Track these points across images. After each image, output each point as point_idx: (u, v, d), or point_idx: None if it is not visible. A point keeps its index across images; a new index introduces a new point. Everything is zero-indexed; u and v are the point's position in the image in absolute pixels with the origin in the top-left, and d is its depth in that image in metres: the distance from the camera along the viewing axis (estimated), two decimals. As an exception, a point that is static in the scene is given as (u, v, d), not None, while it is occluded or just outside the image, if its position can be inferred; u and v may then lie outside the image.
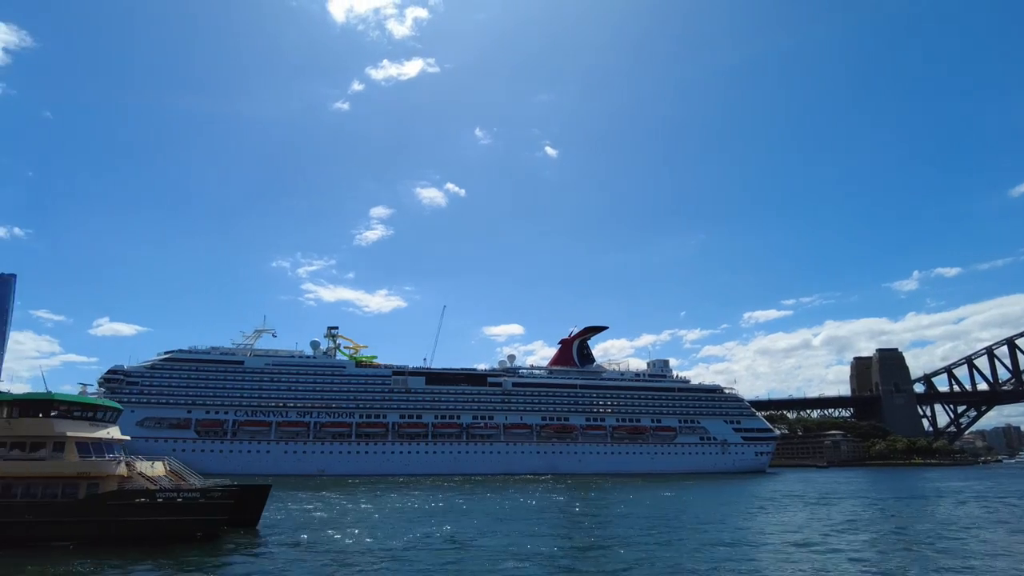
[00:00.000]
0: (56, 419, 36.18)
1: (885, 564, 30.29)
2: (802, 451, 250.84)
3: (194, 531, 35.24)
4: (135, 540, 33.13)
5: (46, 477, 34.27)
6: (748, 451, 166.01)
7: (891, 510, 57.70)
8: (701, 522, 47.34)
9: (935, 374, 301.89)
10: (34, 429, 35.63)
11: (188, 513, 35.21)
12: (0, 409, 36.32)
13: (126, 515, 34.02)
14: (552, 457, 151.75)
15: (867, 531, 42.44)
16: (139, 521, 34.13)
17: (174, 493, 35.78)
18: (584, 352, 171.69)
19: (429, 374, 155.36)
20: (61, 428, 35.82)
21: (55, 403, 36.83)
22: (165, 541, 33.54)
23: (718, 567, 29.06)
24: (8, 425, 35.64)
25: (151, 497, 35.03)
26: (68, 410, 37.01)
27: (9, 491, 33.73)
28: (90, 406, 38.72)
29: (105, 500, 34.09)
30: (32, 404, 36.68)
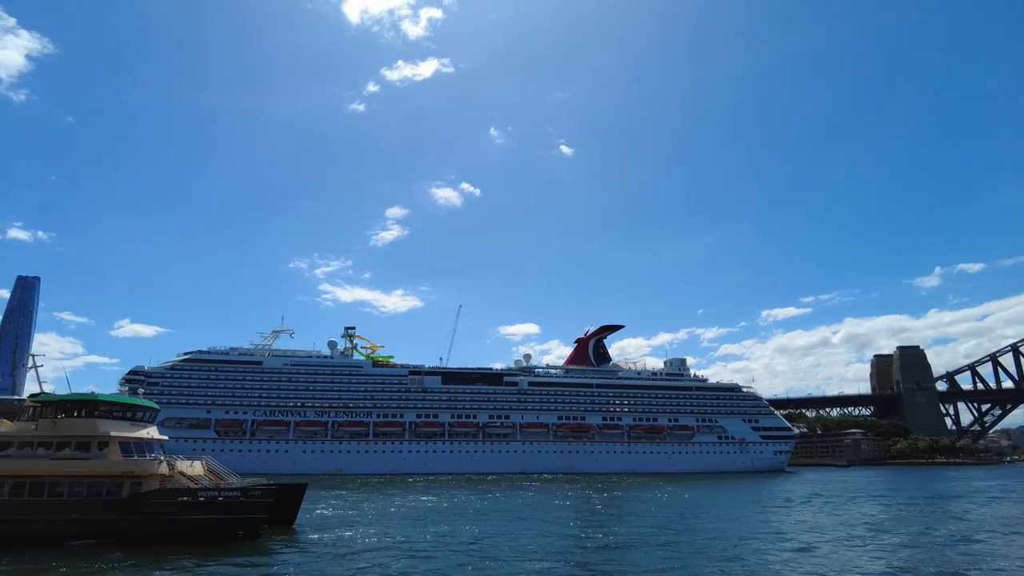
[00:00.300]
0: (100, 419, 36.86)
1: (915, 565, 29.81)
2: (821, 450, 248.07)
3: (236, 530, 35.72)
4: (178, 538, 33.54)
5: (91, 476, 34.88)
6: (767, 450, 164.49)
7: (918, 509, 56.85)
8: (721, 523, 46.93)
9: (958, 372, 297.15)
10: (79, 429, 36.16)
11: (230, 512, 35.70)
12: (46, 409, 37.06)
13: (169, 514, 34.53)
14: (569, 456, 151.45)
15: (893, 531, 41.80)
16: (182, 519, 34.64)
17: (216, 492, 36.17)
18: (600, 351, 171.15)
19: (445, 374, 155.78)
20: (105, 428, 36.45)
21: (99, 403, 37.57)
22: (207, 539, 33.99)
23: (742, 568, 28.80)
24: (53, 425, 36.29)
25: (193, 496, 35.46)
26: (110, 410, 37.71)
27: (56, 489, 34.39)
28: (130, 406, 39.40)
29: (149, 499, 34.60)
30: (77, 404, 37.34)
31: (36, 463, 34.91)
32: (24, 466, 34.74)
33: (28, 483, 34.22)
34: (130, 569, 28.39)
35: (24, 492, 34.05)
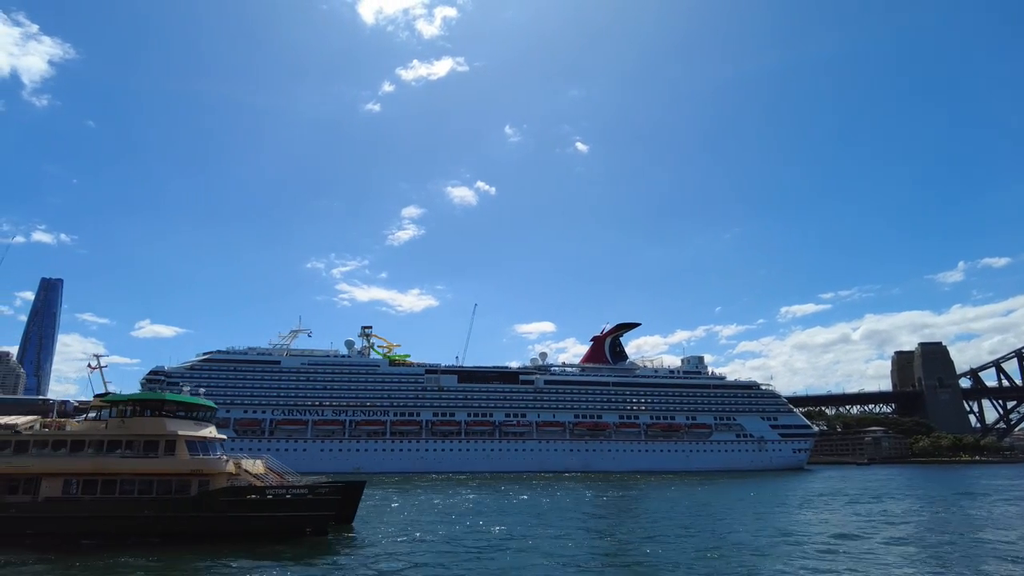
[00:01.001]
0: (167, 418, 37.48)
1: (941, 565, 29.24)
2: (842, 448, 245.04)
3: (303, 527, 35.94)
4: (246, 536, 33.82)
5: (160, 474, 35.39)
6: (785, 448, 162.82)
7: (944, 508, 55.88)
8: (743, 522, 46.44)
9: (982, 368, 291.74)
10: (148, 428, 36.67)
11: (298, 510, 36.00)
12: (115, 409, 37.73)
13: (238, 511, 34.95)
14: (585, 455, 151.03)
15: (919, 530, 41.11)
16: (251, 517, 35.04)
17: (283, 490, 36.47)
18: (617, 349, 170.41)
19: (461, 372, 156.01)
20: (173, 427, 37.02)
21: (167, 402, 38.24)
22: (276, 537, 34.18)
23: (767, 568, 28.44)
24: (122, 424, 36.86)
25: (261, 494, 35.82)
26: (175, 409, 38.37)
27: (126, 487, 34.93)
28: (194, 405, 39.97)
29: (218, 497, 35.04)
30: (146, 403, 37.95)
31: (107, 461, 35.47)
32: (96, 464, 35.31)
33: (100, 481, 34.84)
34: (202, 566, 28.66)
35: (96, 490, 34.67)
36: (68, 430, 38.00)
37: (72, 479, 34.88)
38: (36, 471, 34.89)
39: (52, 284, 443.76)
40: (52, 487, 34.66)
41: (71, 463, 35.38)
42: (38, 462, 35.27)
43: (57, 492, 34.61)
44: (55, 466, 35.19)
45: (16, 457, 35.42)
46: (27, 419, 38.22)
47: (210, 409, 41.17)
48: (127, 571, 27.85)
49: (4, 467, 34.96)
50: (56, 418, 40.59)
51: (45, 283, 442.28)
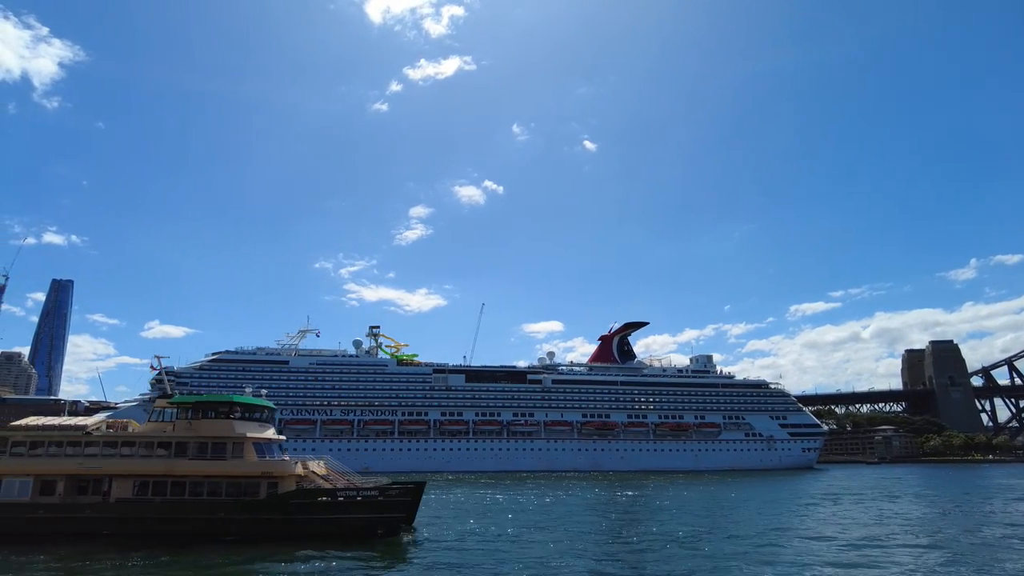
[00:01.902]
0: (235, 420, 37.49)
1: (960, 565, 28.94)
2: (852, 447, 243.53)
3: (375, 528, 35.69)
4: (318, 538, 33.53)
5: (230, 476, 35.37)
6: (795, 447, 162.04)
7: (959, 508, 55.32)
8: (755, 524, 46.18)
9: (994, 366, 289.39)
10: (216, 430, 36.67)
11: (369, 511, 35.79)
12: (183, 410, 37.71)
13: (310, 513, 34.82)
14: (594, 454, 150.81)
15: (937, 530, 40.70)
16: (323, 519, 34.91)
17: (354, 492, 36.38)
18: (624, 348, 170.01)
19: (469, 372, 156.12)
20: (241, 429, 37.09)
21: (235, 404, 38.14)
22: (348, 539, 33.95)
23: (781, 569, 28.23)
24: (189, 426, 36.89)
25: (332, 496, 35.74)
26: (241, 411, 38.25)
27: (195, 489, 34.99)
28: (257, 407, 39.84)
29: (289, 499, 34.91)
30: (214, 405, 37.95)
31: (178, 462, 35.52)
32: (168, 466, 35.39)
33: (169, 482, 34.93)
34: (279, 567, 28.61)
35: (166, 491, 34.81)
36: (135, 431, 38.11)
37: (141, 480, 35.06)
38: (107, 472, 35.08)
39: (63, 285, 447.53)
40: (122, 488, 34.82)
41: (141, 464, 35.46)
42: (109, 463, 35.40)
43: (128, 493, 34.79)
44: (126, 467, 35.32)
45: (87, 458, 35.59)
46: (95, 420, 38.09)
47: (271, 410, 40.91)
48: (202, 571, 27.87)
49: (76, 468, 35.20)
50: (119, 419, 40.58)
51: (56, 284, 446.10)
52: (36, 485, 34.77)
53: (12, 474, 35.10)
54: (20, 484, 34.79)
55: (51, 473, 35.13)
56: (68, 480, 35.05)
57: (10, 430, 37.17)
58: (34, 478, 34.92)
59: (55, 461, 35.62)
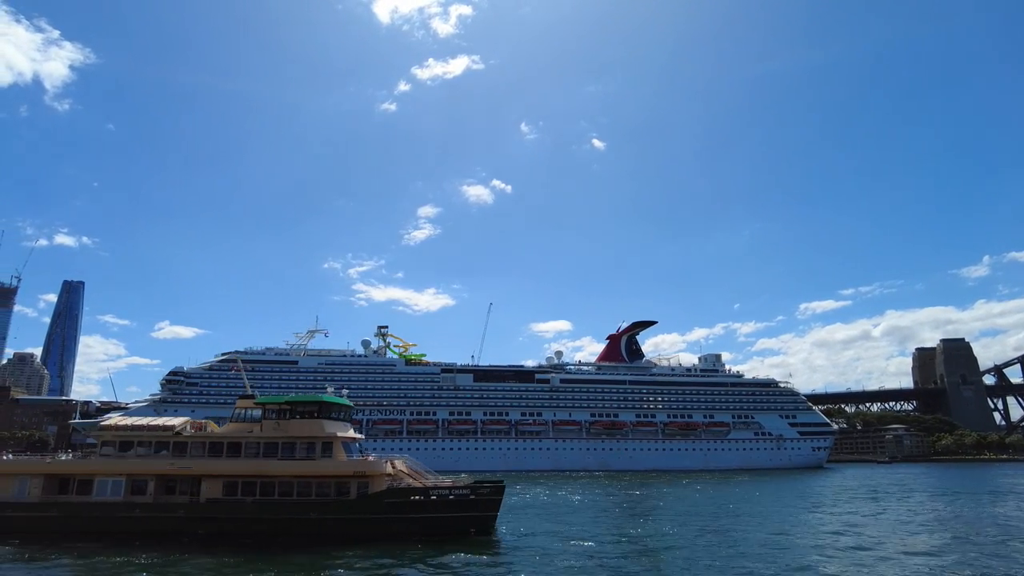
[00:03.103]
0: (325, 420, 37.47)
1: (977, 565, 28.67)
2: (862, 446, 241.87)
3: (468, 528, 35.58)
4: (411, 537, 33.52)
5: (321, 476, 35.26)
6: (804, 446, 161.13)
7: (973, 507, 54.80)
8: (766, 524, 45.91)
9: (1007, 365, 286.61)
10: (306, 430, 36.58)
11: (462, 510, 35.70)
12: (272, 411, 37.64)
13: (404, 512, 34.72)
14: (602, 454, 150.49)
15: (951, 530, 40.37)
16: (417, 518, 34.78)
17: (446, 490, 36.20)
18: (633, 347, 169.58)
19: (477, 371, 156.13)
20: (331, 429, 37.11)
21: (324, 404, 38.07)
22: (441, 538, 33.85)
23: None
24: (277, 426, 36.85)
25: (426, 495, 35.61)
26: (328, 411, 38.18)
27: (285, 489, 34.96)
28: (341, 406, 39.73)
29: (383, 498, 34.79)
30: (305, 405, 37.85)
31: (268, 463, 35.49)
32: (259, 466, 35.39)
33: (259, 482, 34.92)
34: (380, 567, 28.58)
35: (255, 491, 34.81)
36: (222, 432, 38.07)
37: (231, 481, 35.02)
38: (198, 472, 35.18)
39: (74, 286, 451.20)
40: (212, 488, 34.87)
41: (231, 465, 35.51)
42: (200, 463, 35.51)
43: (218, 493, 34.81)
44: (216, 468, 35.40)
45: (178, 458, 35.72)
46: (181, 420, 38.32)
47: (350, 409, 40.71)
48: (298, 572, 27.82)
49: (167, 468, 35.32)
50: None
51: (67, 285, 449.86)
52: (128, 485, 35.00)
53: (105, 474, 35.37)
54: (113, 484, 35.09)
55: (142, 473, 35.32)
56: (158, 480, 35.19)
57: (100, 431, 37.32)
58: (126, 478, 35.14)
59: (146, 461, 35.78)
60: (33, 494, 35.04)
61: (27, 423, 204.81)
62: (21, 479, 35.48)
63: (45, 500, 34.86)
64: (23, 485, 35.28)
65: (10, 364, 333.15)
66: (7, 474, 35.96)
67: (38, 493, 35.04)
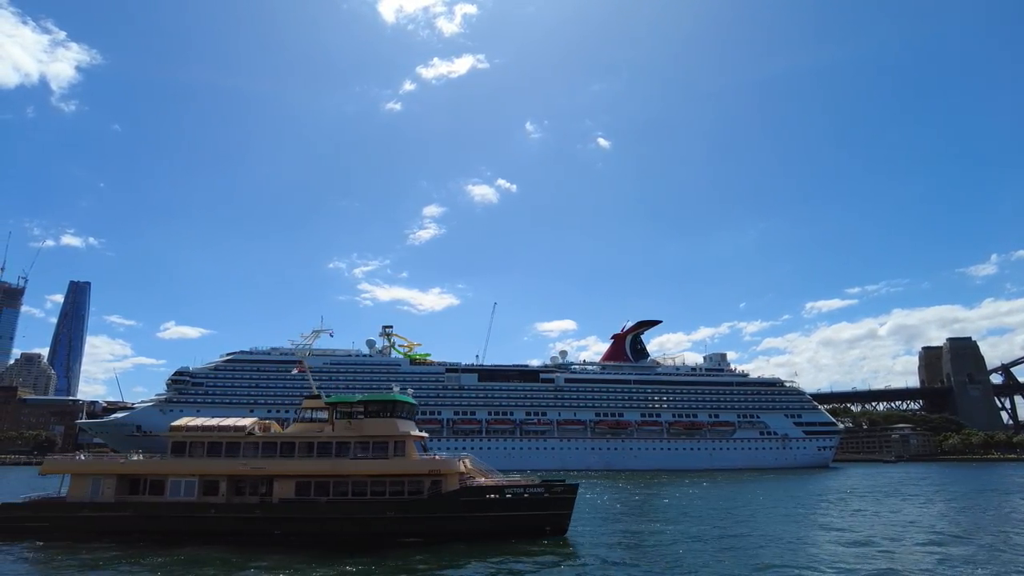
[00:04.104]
0: (398, 419, 37.49)
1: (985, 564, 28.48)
2: (868, 445, 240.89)
3: (543, 526, 35.41)
4: (487, 536, 33.41)
5: (394, 475, 35.22)
6: (810, 446, 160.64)
7: (981, 507, 54.44)
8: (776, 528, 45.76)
9: (1014, 364, 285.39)
10: (380, 429, 36.63)
11: (538, 508, 35.52)
12: (343, 411, 37.70)
13: (479, 511, 34.61)
14: (607, 453, 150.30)
15: (960, 529, 40.09)
16: (493, 517, 34.62)
17: (521, 489, 36.05)
18: (637, 347, 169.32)
19: (482, 371, 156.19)
20: (404, 428, 37.18)
21: (397, 403, 38.02)
22: (516, 536, 33.71)
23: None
24: (349, 425, 36.88)
25: (500, 493, 35.65)
26: (400, 410, 38.17)
27: (359, 489, 34.90)
28: (409, 405, 39.50)
29: (459, 497, 34.74)
30: (380, 404, 37.80)
31: (341, 463, 35.41)
32: (330, 466, 35.31)
33: (332, 482, 34.88)
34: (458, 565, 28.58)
35: (328, 491, 34.78)
36: (293, 432, 37.94)
37: (302, 481, 34.90)
38: (271, 472, 35.12)
39: (80, 287, 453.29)
40: (285, 488, 34.86)
41: (304, 465, 35.44)
42: (272, 463, 35.45)
43: (290, 493, 34.73)
44: (288, 468, 35.36)
45: (250, 458, 35.69)
46: (250, 421, 38.28)
47: (415, 408, 40.56)
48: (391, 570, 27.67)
49: (240, 468, 35.29)
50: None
51: (74, 286, 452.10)
52: (200, 485, 35.01)
53: (177, 474, 35.36)
54: (186, 484, 35.08)
55: (215, 473, 35.30)
56: (230, 480, 35.18)
57: (171, 431, 37.28)
58: (199, 478, 35.12)
59: (219, 462, 35.74)
60: (106, 494, 35.08)
61: (34, 423, 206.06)
62: (95, 479, 35.53)
63: (120, 500, 34.96)
64: (97, 485, 35.34)
65: (17, 364, 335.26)
66: (81, 474, 36.00)
67: (111, 493, 35.08)
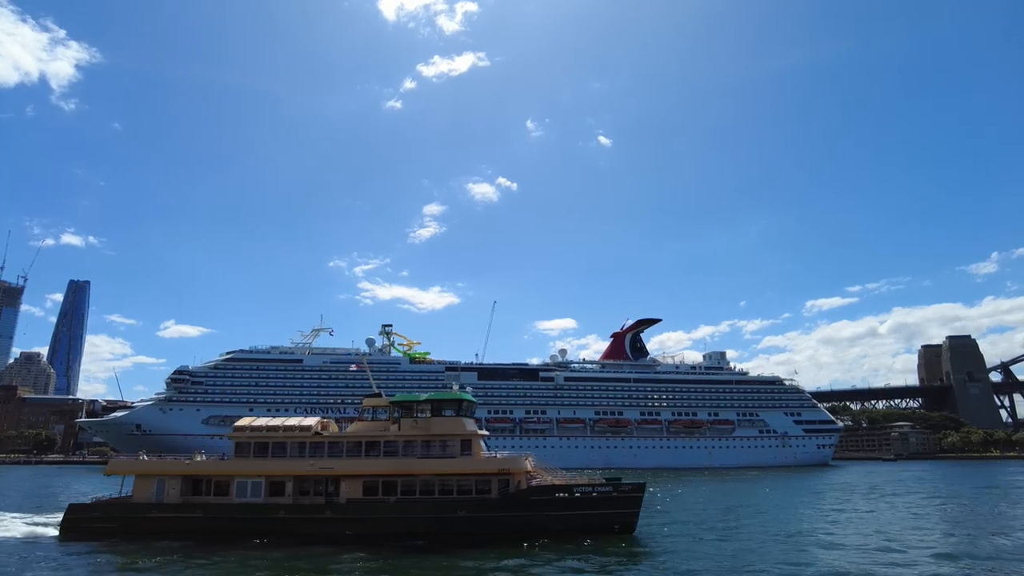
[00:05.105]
0: (465, 418, 37.47)
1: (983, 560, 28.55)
2: (868, 443, 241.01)
3: (612, 524, 35.51)
4: (556, 535, 33.40)
5: (462, 474, 35.16)
6: (809, 444, 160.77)
7: (980, 504, 54.57)
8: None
9: (1014, 362, 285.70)
10: (447, 428, 36.61)
11: (606, 507, 35.71)
12: (416, 409, 37.56)
13: (550, 510, 34.66)
14: (606, 452, 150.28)
15: (963, 527, 40.22)
16: (563, 515, 34.70)
17: (590, 488, 36.16)
18: (637, 345, 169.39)
19: (481, 369, 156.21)
20: (471, 427, 37.26)
21: (464, 402, 38.01)
22: (586, 535, 33.78)
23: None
24: (416, 424, 36.75)
25: (570, 492, 35.63)
26: (465, 409, 38.14)
27: (427, 488, 34.76)
28: (473, 403, 39.50)
29: (529, 495, 34.86)
30: (446, 403, 37.79)
31: (409, 462, 35.31)
32: (398, 465, 35.19)
33: (399, 482, 34.73)
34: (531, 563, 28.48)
35: (396, 490, 34.63)
36: (359, 431, 37.73)
37: (369, 480, 34.78)
38: (338, 472, 34.97)
39: (80, 286, 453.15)
40: (352, 488, 34.64)
41: (371, 464, 35.32)
42: (340, 463, 35.30)
43: (358, 493, 34.57)
44: (356, 467, 35.19)
45: (317, 459, 35.52)
46: (314, 420, 38.15)
47: (474, 406, 40.45)
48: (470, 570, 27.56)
49: (307, 469, 35.08)
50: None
51: (73, 285, 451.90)
52: (267, 486, 34.83)
53: (244, 475, 35.18)
54: (252, 485, 34.92)
55: (281, 474, 35.11)
56: (296, 481, 35.00)
57: (236, 432, 37.17)
58: (265, 479, 34.95)
59: (285, 462, 35.57)
60: (171, 495, 34.99)
61: (34, 422, 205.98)
62: (160, 480, 35.44)
63: (187, 501, 34.81)
64: (162, 486, 35.24)
65: (17, 363, 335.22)
66: (146, 475, 35.88)
67: (176, 494, 34.98)
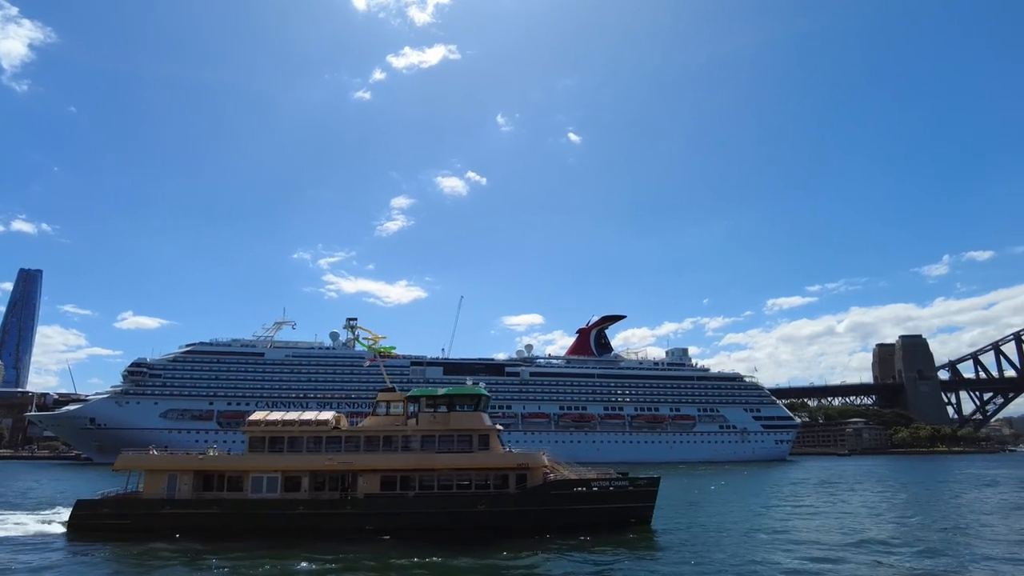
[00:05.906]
0: (483, 412, 37.09)
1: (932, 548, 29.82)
2: (824, 439, 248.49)
3: (629, 517, 35.69)
4: (574, 529, 33.30)
5: (479, 469, 35.05)
6: (768, 439, 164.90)
7: (921, 497, 56.92)
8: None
9: (960, 361, 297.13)
10: (466, 423, 36.37)
11: (623, 501, 35.87)
12: (434, 403, 37.07)
13: (567, 504, 34.71)
14: (570, 446, 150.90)
15: (894, 516, 41.87)
16: (580, 509, 34.75)
17: (607, 482, 36.39)
18: (602, 341, 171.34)
19: (447, 364, 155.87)
20: (489, 421, 36.96)
21: (481, 397, 37.59)
22: (604, 528, 33.85)
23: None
24: (434, 419, 36.33)
25: (587, 486, 35.83)
26: (483, 404, 37.76)
27: (446, 483, 34.45)
28: (488, 398, 39.19)
29: (549, 490, 34.92)
30: (465, 398, 37.52)
31: (427, 456, 34.94)
32: (417, 460, 34.79)
33: (417, 476, 34.44)
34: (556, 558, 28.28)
35: (414, 485, 34.29)
36: (376, 425, 37.07)
37: (389, 475, 34.48)
38: (357, 468, 34.44)
39: (31, 275, 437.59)
40: (369, 483, 34.36)
41: (390, 459, 34.94)
42: (358, 458, 34.80)
43: (375, 488, 34.26)
44: (374, 462, 34.77)
45: (335, 453, 34.97)
46: (330, 415, 37.50)
47: (489, 400, 40.15)
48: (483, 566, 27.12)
49: (325, 464, 34.48)
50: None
51: (24, 274, 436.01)
52: (283, 481, 34.25)
53: (259, 470, 34.52)
54: (268, 480, 34.31)
55: (296, 469, 34.56)
56: (312, 476, 34.48)
57: (249, 426, 36.39)
58: (281, 474, 34.35)
59: (300, 457, 35.03)
60: (183, 491, 34.27)
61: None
62: (171, 475, 34.68)
63: (200, 497, 34.17)
64: (173, 482, 34.50)
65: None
66: (158, 470, 35.05)
67: (188, 490, 34.27)
